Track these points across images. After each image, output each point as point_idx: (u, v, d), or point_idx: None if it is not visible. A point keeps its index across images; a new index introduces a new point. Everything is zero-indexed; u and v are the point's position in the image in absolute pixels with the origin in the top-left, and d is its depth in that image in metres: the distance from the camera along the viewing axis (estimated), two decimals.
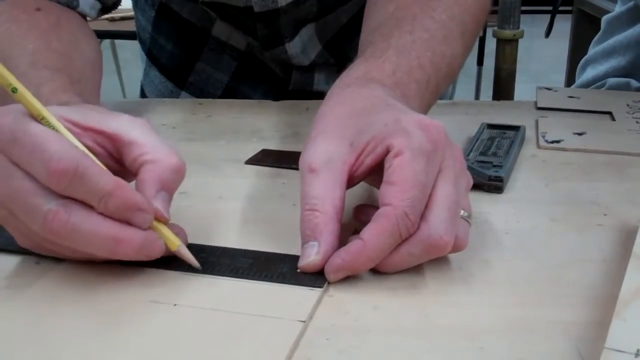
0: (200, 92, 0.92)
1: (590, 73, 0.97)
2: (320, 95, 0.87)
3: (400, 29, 0.60)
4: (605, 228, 0.53)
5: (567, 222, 0.54)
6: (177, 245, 0.45)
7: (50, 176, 0.41)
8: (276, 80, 0.90)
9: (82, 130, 0.46)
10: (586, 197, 0.58)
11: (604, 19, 1.01)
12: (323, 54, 0.85)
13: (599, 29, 1.04)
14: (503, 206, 0.56)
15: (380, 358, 0.38)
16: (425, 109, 0.58)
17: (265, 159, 0.66)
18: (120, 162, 0.47)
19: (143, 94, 0.99)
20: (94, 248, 0.43)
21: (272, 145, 0.70)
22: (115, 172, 0.44)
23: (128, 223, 0.43)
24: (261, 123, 0.76)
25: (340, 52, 0.87)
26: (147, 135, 0.46)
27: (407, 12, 0.63)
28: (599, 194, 0.58)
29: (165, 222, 0.45)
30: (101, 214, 0.42)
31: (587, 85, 0.97)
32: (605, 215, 0.54)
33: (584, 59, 1.02)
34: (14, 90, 0.44)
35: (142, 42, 0.97)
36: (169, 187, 0.46)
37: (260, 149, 0.68)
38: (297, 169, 0.62)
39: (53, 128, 0.43)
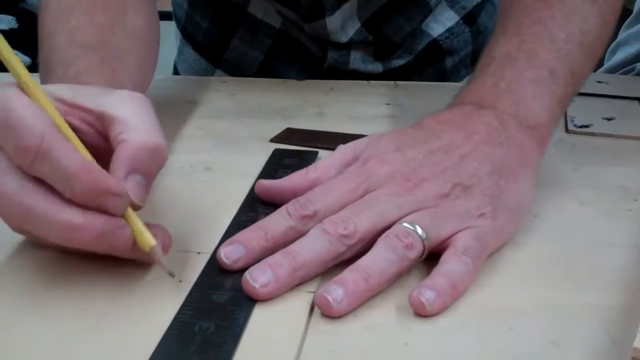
0: (235, 69, 0.91)
1: (620, 56, 0.96)
2: (356, 74, 0.87)
3: (505, 33, 0.57)
4: (636, 213, 0.52)
5: (596, 206, 0.53)
6: (150, 246, 0.40)
7: (15, 152, 0.39)
8: (311, 58, 0.88)
9: (69, 107, 0.43)
10: (616, 182, 0.57)
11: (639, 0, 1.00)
12: (362, 32, 0.84)
13: (624, 16, 1.02)
14: None
15: (408, 336, 0.38)
16: (558, 100, 0.54)
17: (291, 137, 0.66)
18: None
19: (176, 72, 0.99)
20: (48, 234, 0.40)
21: (297, 124, 0.69)
22: (108, 154, 0.42)
23: (100, 210, 0.40)
24: (286, 102, 0.76)
25: (378, 31, 0.85)
26: (133, 112, 0.43)
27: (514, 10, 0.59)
28: (628, 179, 0.57)
29: (135, 206, 0.41)
30: (69, 200, 0.40)
31: (616, 68, 0.95)
32: (635, 200, 0.54)
33: (614, 42, 1.00)
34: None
35: (177, 19, 0.96)
36: (145, 169, 0.42)
37: (284, 127, 0.68)
38: (322, 148, 0.62)
39: (38, 100, 0.41)
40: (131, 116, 0.42)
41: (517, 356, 0.37)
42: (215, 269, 0.43)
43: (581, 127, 0.68)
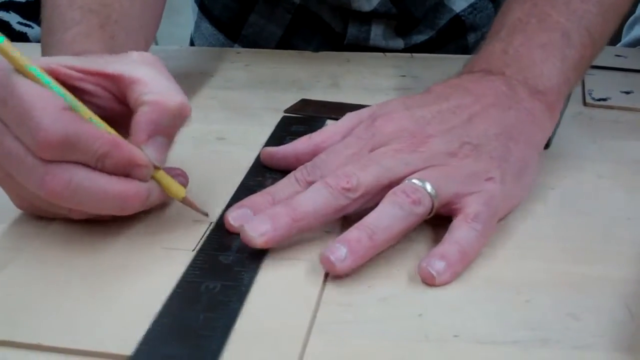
0: (254, 45, 0.90)
1: (638, 31, 0.95)
2: (376, 51, 0.85)
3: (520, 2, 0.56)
4: None
5: (615, 179, 0.52)
6: (181, 197, 0.44)
7: (39, 148, 0.39)
8: (331, 34, 0.87)
9: (82, 74, 0.43)
10: (634, 155, 0.56)
11: None
12: (386, 3, 0.82)
13: None
14: (549, 162, 0.54)
15: (422, 307, 0.38)
16: (573, 63, 0.53)
17: (305, 108, 0.65)
18: (126, 104, 0.43)
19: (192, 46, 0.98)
20: (101, 207, 0.41)
21: (312, 95, 0.69)
22: (122, 115, 0.43)
23: (127, 176, 0.42)
24: (300, 73, 0.75)
25: (401, 3, 0.83)
26: (151, 73, 0.43)
27: None
28: None
29: (159, 169, 0.43)
30: (101, 170, 0.41)
31: (634, 43, 0.94)
32: None
33: (632, 17, 0.99)
34: None
35: None
36: (166, 130, 0.43)
37: (299, 98, 0.67)
38: (336, 119, 0.61)
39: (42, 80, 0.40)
40: (150, 77, 0.43)
41: (534, 328, 0.36)
42: (222, 232, 0.43)
43: (599, 100, 0.67)
